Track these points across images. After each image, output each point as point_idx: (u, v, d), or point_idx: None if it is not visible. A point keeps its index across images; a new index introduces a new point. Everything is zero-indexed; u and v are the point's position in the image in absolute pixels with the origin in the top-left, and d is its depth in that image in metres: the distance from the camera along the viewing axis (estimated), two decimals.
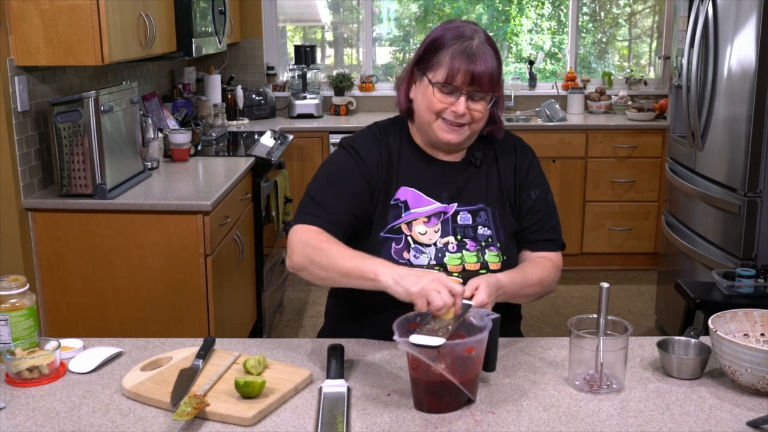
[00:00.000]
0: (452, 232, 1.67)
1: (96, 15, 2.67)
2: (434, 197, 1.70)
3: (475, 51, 1.60)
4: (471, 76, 1.59)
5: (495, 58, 1.63)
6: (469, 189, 1.72)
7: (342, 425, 1.29)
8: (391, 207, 1.68)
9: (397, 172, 1.71)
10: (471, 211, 1.70)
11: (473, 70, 1.59)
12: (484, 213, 1.70)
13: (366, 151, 1.70)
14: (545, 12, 5.49)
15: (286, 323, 4.05)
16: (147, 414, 1.35)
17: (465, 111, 1.62)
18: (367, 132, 1.76)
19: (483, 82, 1.60)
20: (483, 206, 1.71)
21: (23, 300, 1.55)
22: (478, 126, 1.67)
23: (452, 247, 1.66)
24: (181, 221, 2.79)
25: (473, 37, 1.62)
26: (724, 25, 3.12)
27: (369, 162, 1.69)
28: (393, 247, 1.65)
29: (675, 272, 3.55)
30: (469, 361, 1.34)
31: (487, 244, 1.68)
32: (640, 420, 1.32)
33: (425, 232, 1.67)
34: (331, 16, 5.56)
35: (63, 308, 2.84)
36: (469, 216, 1.70)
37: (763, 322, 1.54)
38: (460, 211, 1.70)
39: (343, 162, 1.71)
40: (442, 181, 1.71)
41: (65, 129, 2.73)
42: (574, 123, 4.77)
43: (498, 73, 1.63)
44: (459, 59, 1.60)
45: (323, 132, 4.67)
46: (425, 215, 1.68)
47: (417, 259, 1.64)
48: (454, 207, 1.70)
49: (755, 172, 2.93)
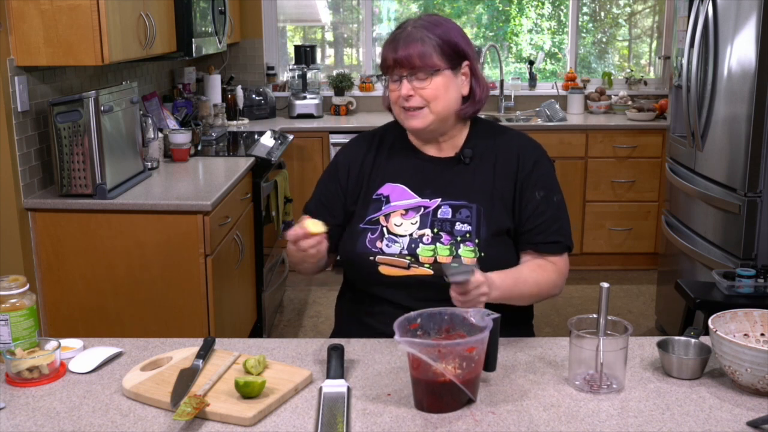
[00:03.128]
0: (430, 225, 1.71)
1: (96, 15, 2.67)
2: (417, 192, 1.75)
3: (400, 37, 1.69)
4: (396, 60, 1.67)
5: (433, 37, 1.67)
6: (454, 185, 1.74)
7: (342, 425, 1.29)
8: (372, 201, 1.77)
9: (384, 169, 1.79)
10: (453, 206, 1.72)
11: (396, 54, 1.67)
12: (466, 210, 1.72)
13: (345, 158, 1.85)
14: (545, 12, 5.49)
15: (286, 323, 4.05)
16: (147, 414, 1.35)
17: (409, 92, 1.68)
18: (358, 137, 1.89)
19: (412, 61, 1.66)
20: (466, 203, 1.72)
21: (23, 300, 1.55)
22: (437, 106, 1.69)
23: (426, 239, 1.70)
24: (181, 221, 2.79)
25: (407, 26, 1.71)
26: (724, 25, 3.12)
27: (343, 169, 1.83)
28: (368, 236, 1.73)
29: (675, 272, 3.55)
30: (469, 360, 1.34)
31: (464, 239, 1.69)
32: (640, 420, 1.32)
33: (401, 224, 1.73)
34: (331, 16, 5.56)
35: (63, 308, 2.84)
36: (449, 210, 1.72)
37: (763, 322, 1.54)
38: (442, 206, 1.73)
39: (326, 175, 1.87)
40: (428, 176, 1.77)
41: (65, 129, 2.73)
42: (574, 123, 4.77)
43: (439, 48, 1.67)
44: (386, 48, 1.70)
45: (323, 132, 4.67)
46: (403, 208, 1.74)
47: (389, 248, 1.71)
48: (437, 202, 1.73)
49: (755, 172, 2.93)
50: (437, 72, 1.68)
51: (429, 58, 1.67)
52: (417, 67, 1.67)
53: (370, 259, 1.71)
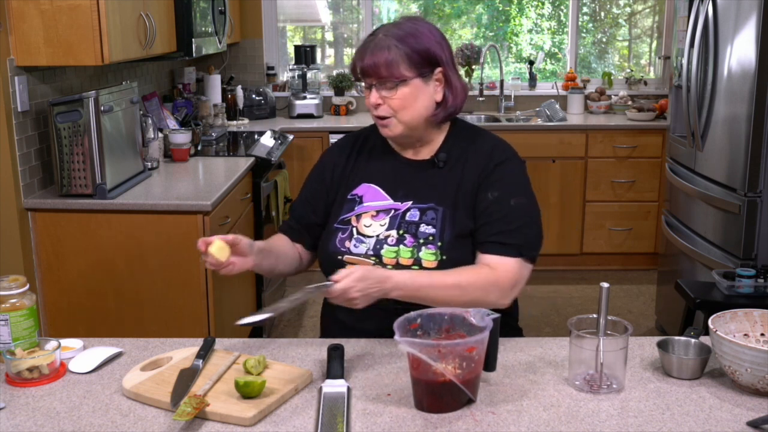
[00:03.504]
0: (396, 226, 1.72)
1: (96, 15, 2.67)
2: (391, 194, 1.76)
3: (368, 46, 1.68)
4: (363, 69, 1.67)
5: (402, 45, 1.65)
6: (426, 188, 1.74)
7: (342, 425, 1.29)
8: (347, 201, 1.79)
9: (361, 170, 1.82)
10: (420, 209, 1.73)
11: (361, 64, 1.67)
12: (432, 212, 1.71)
13: (329, 158, 1.88)
14: (545, 12, 5.49)
15: (286, 323, 4.05)
16: (147, 414, 1.36)
17: (376, 101, 1.68)
18: (346, 137, 1.91)
19: (378, 70, 1.65)
20: (434, 205, 1.72)
21: (23, 300, 1.55)
22: (405, 116, 1.69)
23: (391, 240, 1.71)
24: (181, 221, 2.79)
25: (378, 33, 1.69)
26: (724, 25, 3.12)
27: (328, 168, 1.85)
28: (339, 236, 1.75)
29: (675, 272, 3.55)
30: (469, 360, 1.34)
31: (426, 242, 1.68)
32: (640, 420, 1.32)
33: (370, 225, 1.74)
34: (331, 16, 5.56)
35: (63, 308, 2.84)
36: (417, 213, 1.72)
37: (763, 322, 1.54)
38: (411, 208, 1.73)
39: (313, 173, 1.90)
40: (403, 179, 1.77)
41: (65, 129, 2.73)
42: (574, 123, 4.76)
43: (407, 57, 1.64)
44: (356, 56, 1.70)
45: (323, 132, 4.67)
46: (374, 209, 1.75)
47: (356, 248, 1.72)
48: (408, 204, 1.74)
49: (755, 172, 2.93)
50: (404, 82, 1.66)
51: (396, 68, 1.65)
52: (383, 76, 1.66)
53: (338, 258, 1.73)
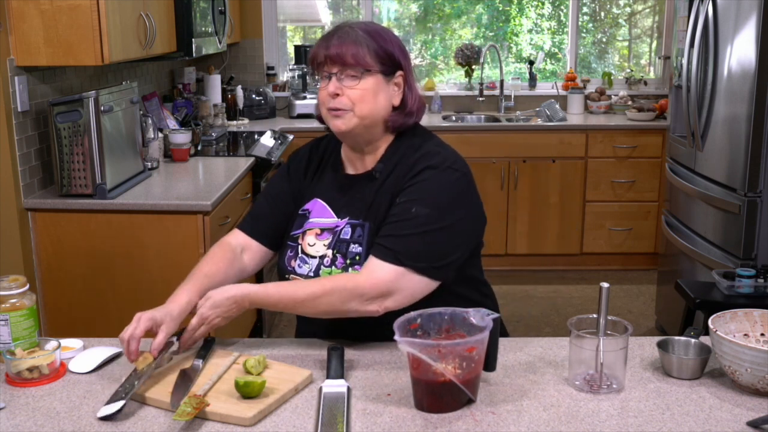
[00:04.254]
0: (333, 246, 1.64)
1: (96, 15, 2.67)
2: (335, 210, 1.69)
3: (334, 34, 1.63)
4: (327, 56, 1.61)
5: (368, 38, 1.61)
6: (360, 203, 1.66)
7: (342, 425, 1.29)
8: (298, 215, 1.73)
9: (317, 182, 1.75)
10: (352, 225, 1.65)
11: (328, 51, 1.60)
12: (360, 228, 1.63)
13: (295, 165, 1.81)
14: (545, 12, 5.49)
15: (286, 323, 4.05)
16: (147, 414, 1.35)
17: (335, 90, 1.60)
18: (307, 146, 1.85)
19: (344, 59, 1.59)
20: (362, 221, 1.64)
21: (23, 300, 1.55)
22: (363, 109, 1.61)
23: (326, 261, 1.64)
24: (181, 221, 2.79)
25: (344, 26, 1.64)
26: (724, 25, 3.12)
27: (295, 177, 1.79)
28: (287, 253, 1.70)
29: (675, 272, 3.55)
30: (469, 360, 1.34)
31: (353, 262, 1.61)
32: (640, 420, 1.32)
33: (314, 243, 1.67)
34: (331, 16, 5.56)
35: (63, 308, 2.84)
36: (349, 231, 1.64)
37: (763, 322, 1.54)
38: (345, 226, 1.65)
39: (278, 178, 1.82)
40: (345, 194, 1.70)
41: (65, 129, 2.73)
42: (574, 123, 4.76)
43: (374, 50, 1.60)
44: (319, 44, 1.64)
45: (323, 132, 4.64)
46: (319, 227, 1.68)
47: (300, 269, 1.67)
48: (346, 221, 1.66)
49: (755, 172, 2.93)
50: (368, 72, 1.60)
51: (362, 58, 1.59)
52: (348, 65, 1.59)
53: (286, 277, 1.69)
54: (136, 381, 1.40)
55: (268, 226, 1.76)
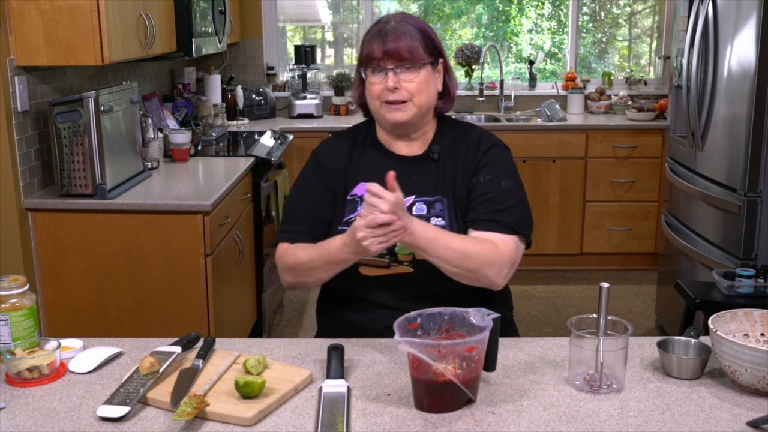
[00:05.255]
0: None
1: (96, 15, 2.67)
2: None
3: (387, 30, 1.71)
4: (385, 52, 1.69)
5: (416, 31, 1.72)
6: (426, 181, 1.76)
7: (342, 425, 1.29)
8: (348, 202, 1.78)
9: (358, 169, 1.81)
10: (427, 202, 1.74)
11: (386, 46, 1.69)
12: (439, 204, 1.74)
13: (326, 157, 1.84)
14: (545, 12, 5.49)
15: (286, 323, 4.05)
16: (147, 414, 1.35)
17: (395, 84, 1.69)
18: (332, 138, 1.91)
19: (401, 53, 1.69)
20: (440, 198, 1.74)
21: (23, 300, 1.55)
22: (421, 99, 1.72)
23: None
24: (181, 221, 2.79)
25: (390, 20, 1.74)
26: (724, 25, 3.12)
27: (327, 168, 1.82)
28: None
29: (675, 272, 3.55)
30: (469, 360, 1.34)
31: None
32: (640, 420, 1.32)
33: None
34: (331, 16, 5.56)
35: (63, 308, 2.84)
36: (424, 207, 1.74)
37: (763, 322, 1.54)
38: (416, 203, 1.74)
39: (308, 173, 1.85)
40: (400, 174, 1.72)
41: (65, 129, 2.73)
42: (574, 123, 4.76)
43: (423, 43, 1.71)
44: (373, 41, 1.72)
45: (323, 132, 4.66)
46: None
47: None
48: (412, 199, 1.74)
49: (755, 172, 2.93)
50: (423, 66, 1.71)
51: (417, 52, 1.70)
52: (405, 59, 1.69)
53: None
54: (141, 388, 1.39)
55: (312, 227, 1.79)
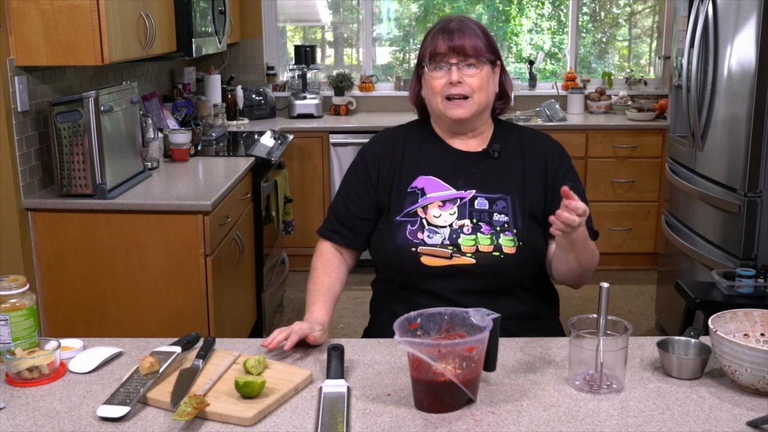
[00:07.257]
0: (468, 215, 1.76)
1: (96, 15, 2.67)
2: (451, 184, 1.80)
3: (453, 27, 1.77)
4: (451, 47, 1.75)
5: (479, 30, 1.78)
6: (488, 178, 1.80)
7: (342, 425, 1.29)
8: (408, 194, 1.80)
9: (416, 161, 1.84)
10: (489, 198, 1.78)
11: (452, 42, 1.75)
12: (502, 201, 1.77)
13: (372, 152, 1.88)
14: (545, 12, 5.49)
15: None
16: (147, 414, 1.35)
17: (458, 79, 1.74)
18: (383, 132, 1.94)
19: (466, 50, 1.74)
20: (502, 195, 1.78)
21: (23, 300, 1.55)
22: (482, 96, 1.77)
23: (467, 230, 1.75)
24: (181, 221, 2.79)
25: (453, 20, 1.80)
26: (724, 25, 3.12)
27: (371, 162, 1.86)
28: (408, 228, 1.77)
29: (675, 272, 3.55)
30: (469, 360, 1.34)
31: (503, 229, 1.75)
32: (640, 420, 1.32)
33: (439, 215, 1.77)
34: (331, 16, 5.56)
35: (63, 308, 2.84)
36: (486, 202, 1.77)
37: (763, 322, 1.54)
38: (477, 197, 1.78)
39: (352, 170, 1.90)
40: (460, 168, 1.82)
41: (65, 129, 2.73)
42: (574, 123, 4.77)
43: (485, 42, 1.77)
44: (439, 37, 1.77)
45: (323, 132, 4.67)
46: (440, 200, 1.78)
47: (431, 239, 1.74)
48: (472, 193, 1.78)
49: (755, 172, 2.93)
50: (484, 63, 1.76)
51: (480, 49, 1.76)
52: (469, 55, 1.74)
53: (411, 250, 1.74)
54: (141, 388, 1.39)
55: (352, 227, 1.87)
